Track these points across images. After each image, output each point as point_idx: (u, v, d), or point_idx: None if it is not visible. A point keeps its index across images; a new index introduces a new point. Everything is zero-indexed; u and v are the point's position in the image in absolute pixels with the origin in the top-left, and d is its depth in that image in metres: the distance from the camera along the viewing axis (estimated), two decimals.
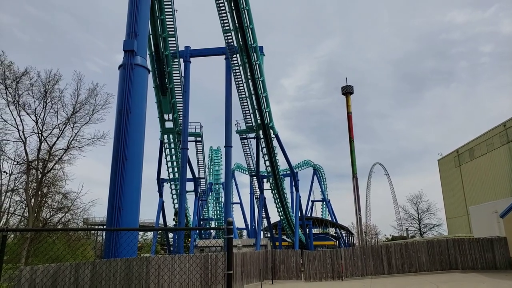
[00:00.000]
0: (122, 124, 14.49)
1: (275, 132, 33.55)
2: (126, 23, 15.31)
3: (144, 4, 15.53)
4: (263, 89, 30.74)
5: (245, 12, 27.21)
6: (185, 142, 32.00)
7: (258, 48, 29.40)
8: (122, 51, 15.19)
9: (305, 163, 68.65)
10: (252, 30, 28.16)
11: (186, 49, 34.49)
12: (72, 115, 20.44)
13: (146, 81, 15.69)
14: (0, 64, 18.45)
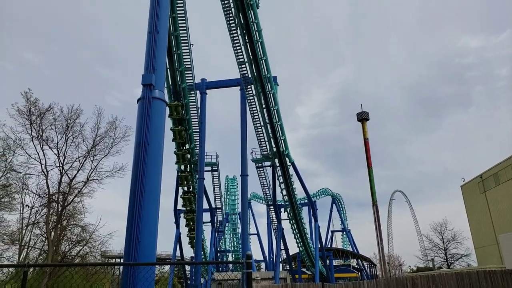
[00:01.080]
0: (140, 156, 14.66)
1: (291, 160, 33.37)
2: (145, 59, 15.83)
3: (162, 41, 16.09)
4: (277, 118, 30.93)
5: (259, 44, 27.89)
6: (201, 172, 32.10)
7: (272, 78, 29.86)
8: (140, 85, 15.64)
9: (323, 191, 67.59)
10: (265, 62, 28.73)
11: (202, 81, 35.34)
12: (92, 148, 20.95)
13: (164, 113, 15.98)
14: (27, 101, 19.27)
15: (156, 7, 16.11)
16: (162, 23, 16.08)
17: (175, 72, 28.15)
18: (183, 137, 30.84)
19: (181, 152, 31.80)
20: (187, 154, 32.49)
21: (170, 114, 29.23)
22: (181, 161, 32.26)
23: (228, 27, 27.73)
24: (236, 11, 26.58)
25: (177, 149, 31.76)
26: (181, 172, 33.09)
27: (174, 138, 30.90)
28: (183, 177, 33.23)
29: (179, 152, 31.79)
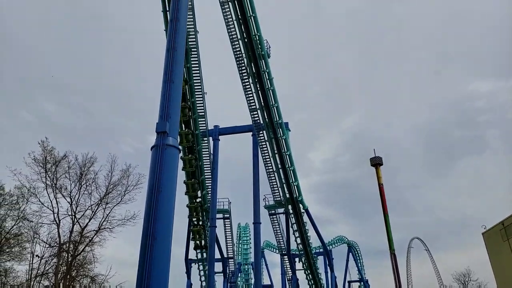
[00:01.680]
0: (152, 203, 14.53)
1: (304, 206, 32.68)
2: (159, 107, 16.22)
3: (177, 90, 16.54)
4: (290, 163, 30.79)
5: (270, 92, 28.54)
6: (213, 220, 31.55)
7: (284, 124, 30.17)
8: (154, 133, 15.88)
9: (338, 239, 65.30)
10: (277, 108, 29.20)
11: (215, 128, 35.89)
12: (105, 196, 20.99)
13: (177, 160, 16.05)
14: (43, 149, 19.75)
15: (171, 58, 16.77)
16: (177, 73, 16.63)
17: (189, 119, 28.69)
18: (196, 190, 30.82)
19: (194, 206, 31.61)
20: (199, 208, 32.28)
21: (184, 167, 29.30)
22: (194, 214, 32.00)
23: (240, 76, 28.62)
24: (248, 61, 27.55)
25: (189, 202, 31.60)
26: (194, 226, 32.65)
27: (187, 191, 30.84)
28: (195, 231, 32.72)
29: (192, 206, 31.57)
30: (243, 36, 26.76)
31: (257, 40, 26.83)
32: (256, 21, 26.25)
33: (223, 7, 26.37)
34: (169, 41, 16.76)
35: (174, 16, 17.50)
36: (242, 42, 27.09)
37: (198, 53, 27.12)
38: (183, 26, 17.71)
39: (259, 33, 26.62)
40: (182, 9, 18.86)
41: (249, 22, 26.11)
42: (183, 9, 19.21)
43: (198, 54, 27.13)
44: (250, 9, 25.75)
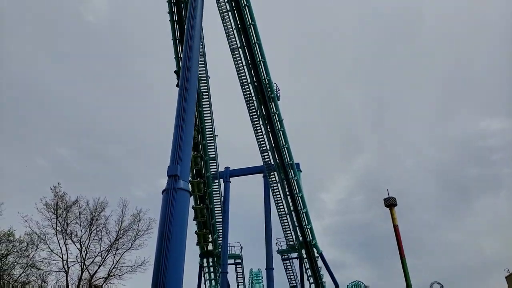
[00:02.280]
0: (162, 249, 14.17)
1: (318, 250, 31.58)
2: (171, 150, 16.29)
3: (188, 134, 16.68)
4: (302, 205, 30.18)
5: (280, 133, 28.67)
6: (224, 265, 30.57)
7: (295, 165, 29.96)
8: (166, 176, 15.83)
9: (355, 284, 62.24)
10: (288, 149, 29.17)
11: (226, 169, 35.82)
12: (115, 242, 20.62)
13: (188, 204, 15.82)
14: (55, 195, 19.80)
15: (183, 103, 17.08)
16: (188, 117, 16.85)
17: (200, 168, 28.62)
18: (207, 240, 30.40)
19: (204, 251, 31.11)
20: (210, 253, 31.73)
21: (195, 217, 28.72)
22: (205, 260, 31.39)
23: (251, 118, 28.97)
24: (258, 103, 28.00)
25: (200, 248, 31.15)
26: (205, 272, 31.84)
27: (199, 242, 30.39)
28: (207, 277, 31.85)
29: (203, 251, 31.03)
30: (253, 80, 27.42)
31: (267, 84, 27.44)
32: (266, 65, 27.00)
33: (234, 53, 27.28)
34: (181, 87, 17.15)
35: (186, 63, 18.07)
36: (252, 85, 27.71)
37: (209, 97, 27.73)
38: (194, 72, 18.23)
39: (268, 76, 27.27)
40: (193, 56, 19.53)
41: (259, 66, 26.86)
42: (195, 55, 19.90)
43: (210, 98, 27.73)
44: (259, 55, 26.58)
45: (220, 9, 26.56)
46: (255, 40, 26.14)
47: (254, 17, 25.68)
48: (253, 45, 26.21)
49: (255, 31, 26.02)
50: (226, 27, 26.85)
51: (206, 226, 30.10)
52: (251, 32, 25.97)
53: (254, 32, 26.04)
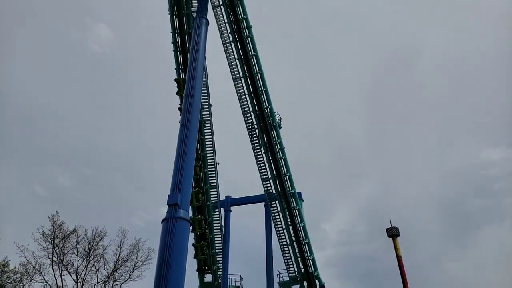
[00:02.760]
0: (161, 280, 13.80)
1: (321, 282, 30.64)
2: (172, 179, 16.19)
3: (189, 162, 16.66)
4: (304, 235, 29.61)
5: (282, 161, 28.59)
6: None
7: (297, 194, 29.64)
8: (166, 205, 15.64)
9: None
10: (289, 178, 28.97)
11: (226, 198, 35.43)
12: (113, 273, 20.08)
13: (188, 233, 15.57)
14: (53, 224, 19.49)
15: (185, 131, 17.16)
16: (190, 145, 16.89)
17: (202, 204, 28.29)
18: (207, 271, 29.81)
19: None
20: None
21: (196, 255, 28.00)
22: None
23: (253, 146, 28.99)
24: (260, 132, 28.12)
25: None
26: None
27: (200, 285, 29.79)
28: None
29: None
30: (255, 108, 27.69)
31: (269, 112, 27.66)
32: (267, 94, 27.33)
33: (236, 82, 27.70)
34: (184, 115, 17.29)
35: (189, 92, 18.30)
36: (254, 114, 27.94)
37: (211, 125, 27.89)
38: (197, 101, 18.43)
39: (270, 105, 27.53)
40: (196, 85, 19.82)
41: (261, 95, 27.19)
42: (198, 85, 20.19)
43: (212, 126, 27.88)
44: (261, 84, 26.97)
45: (223, 40, 27.22)
46: (257, 70, 26.61)
47: (256, 48, 26.27)
48: (255, 75, 26.66)
49: (257, 61, 26.55)
50: (229, 57, 27.41)
51: (206, 263, 29.46)
52: (253, 62, 26.48)
53: (256, 62, 26.55)
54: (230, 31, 26.33)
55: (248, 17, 25.69)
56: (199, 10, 25.10)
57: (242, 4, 25.42)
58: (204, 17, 24.71)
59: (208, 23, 24.85)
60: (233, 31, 26.07)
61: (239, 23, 25.59)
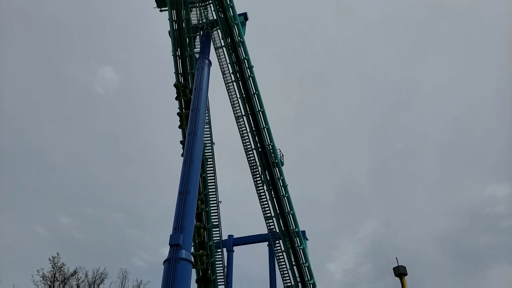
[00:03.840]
0: None
1: None
2: (174, 218, 15.97)
3: (192, 201, 16.52)
4: (309, 276, 28.64)
5: (285, 199, 28.28)
6: None
7: (301, 233, 29.03)
8: (167, 245, 15.31)
9: None
10: (293, 216, 28.51)
11: (229, 237, 34.71)
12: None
13: (190, 274, 15.16)
14: (53, 266, 19.00)
15: (187, 169, 17.14)
16: (192, 184, 16.79)
17: (202, 230, 27.92)
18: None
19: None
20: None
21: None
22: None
23: (255, 183, 28.79)
24: (262, 169, 28.05)
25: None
26: None
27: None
28: None
29: None
30: (257, 146, 27.81)
31: (271, 149, 27.73)
32: (269, 132, 27.54)
33: (238, 120, 28.03)
34: (186, 153, 17.35)
35: (191, 131, 18.49)
36: (256, 151, 28.01)
37: (214, 163, 27.90)
38: (200, 139, 18.59)
39: (272, 142, 27.66)
40: (199, 124, 20.08)
41: (263, 133, 27.41)
42: (201, 123, 20.46)
43: (214, 164, 27.90)
44: (263, 122, 27.26)
45: (225, 79, 27.89)
46: (259, 108, 27.02)
47: (257, 87, 26.83)
48: (257, 113, 27.03)
49: (259, 100, 27.01)
50: (231, 96, 27.95)
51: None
52: (255, 101, 26.94)
53: (258, 101, 27.01)
54: (232, 71, 27.03)
55: (250, 58, 26.48)
56: (201, 51, 26.01)
57: (244, 46, 26.28)
58: (206, 58, 25.54)
59: (210, 64, 25.64)
60: (235, 71, 26.76)
61: (241, 63, 26.33)
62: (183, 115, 25.56)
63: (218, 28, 26.83)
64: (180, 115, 25.78)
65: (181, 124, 25.81)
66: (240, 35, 26.16)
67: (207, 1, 26.88)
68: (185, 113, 25.34)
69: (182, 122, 25.74)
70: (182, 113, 25.67)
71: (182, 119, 25.66)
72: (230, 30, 25.88)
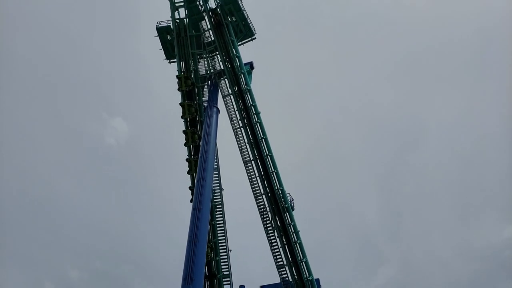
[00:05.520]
0: None
1: None
2: (183, 268, 15.49)
3: (201, 250, 16.12)
4: None
5: (297, 245, 27.45)
6: None
7: (315, 281, 27.80)
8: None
9: None
10: (306, 263, 27.48)
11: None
12: None
13: None
14: None
15: (196, 217, 16.89)
16: (202, 231, 16.47)
17: (213, 279, 27.01)
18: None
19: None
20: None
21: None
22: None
23: (265, 230, 28.11)
24: (273, 214, 27.53)
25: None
26: None
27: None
28: None
29: None
30: (266, 190, 27.53)
31: (280, 194, 27.39)
32: (278, 176, 27.38)
33: (247, 165, 28.02)
34: (195, 200, 17.20)
35: (200, 177, 18.49)
36: (265, 196, 27.67)
37: (223, 210, 27.57)
38: (209, 186, 18.51)
39: (281, 187, 27.40)
40: (208, 170, 20.11)
41: (272, 177, 27.25)
42: (210, 169, 20.50)
43: (223, 211, 27.55)
44: (271, 166, 27.22)
45: (233, 126, 28.32)
46: (267, 152, 27.12)
47: (265, 132, 27.14)
48: (265, 157, 27.09)
49: (267, 144, 27.20)
50: (239, 141, 28.21)
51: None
52: (263, 145, 27.13)
53: (266, 145, 27.20)
54: (239, 118, 27.54)
55: (256, 104, 27.06)
56: (210, 100, 26.78)
57: (250, 93, 27.00)
58: (214, 106, 26.22)
59: (218, 111, 26.26)
60: (243, 117, 27.26)
61: (248, 110, 26.90)
62: (191, 160, 25.91)
63: (225, 77, 27.78)
64: (189, 161, 26.11)
65: (189, 169, 26.02)
66: (246, 83, 26.99)
67: (214, 53, 28.10)
68: (194, 158, 25.68)
69: (190, 167, 26.03)
70: (191, 159, 26.02)
71: (191, 165, 25.97)
72: (237, 79, 26.76)
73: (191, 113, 26.21)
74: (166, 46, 28.21)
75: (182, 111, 26.43)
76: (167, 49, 28.35)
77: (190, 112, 26.17)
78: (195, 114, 26.30)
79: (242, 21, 27.66)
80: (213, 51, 28.31)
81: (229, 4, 26.84)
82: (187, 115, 26.20)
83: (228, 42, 27.31)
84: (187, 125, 26.63)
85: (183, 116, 26.53)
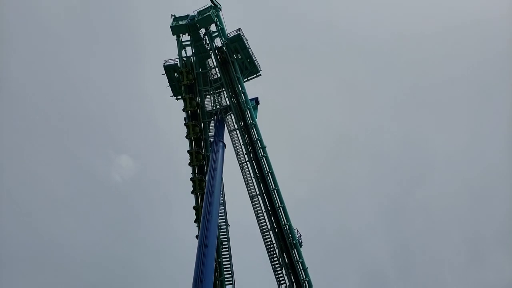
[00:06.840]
0: None
1: None
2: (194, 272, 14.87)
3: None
4: None
5: (306, 283, 26.57)
6: None
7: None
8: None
9: None
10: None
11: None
12: None
13: None
14: None
15: (202, 254, 16.47)
16: (208, 270, 16.01)
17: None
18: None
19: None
20: None
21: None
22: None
23: (273, 267, 27.30)
24: (280, 251, 26.83)
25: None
26: None
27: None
28: None
29: None
30: (273, 226, 26.98)
31: (288, 230, 26.82)
32: (285, 211, 26.93)
33: (253, 200, 27.68)
34: (201, 237, 16.89)
35: (206, 213, 18.24)
36: (272, 232, 27.08)
37: (229, 246, 26.99)
38: (215, 221, 18.22)
39: (289, 222, 26.88)
40: (214, 206, 19.87)
41: (279, 212, 26.80)
42: (215, 205, 20.26)
43: (229, 247, 26.96)
44: (278, 200, 26.84)
45: (239, 160, 28.29)
46: (273, 187, 26.85)
47: (271, 166, 27.02)
48: (271, 191, 26.81)
49: (273, 178, 26.99)
50: (245, 176, 28.05)
51: None
52: (269, 179, 26.92)
53: (272, 179, 26.98)
54: (245, 152, 27.56)
55: (262, 138, 27.16)
56: (216, 134, 27.00)
57: (256, 128, 27.18)
58: (221, 140, 26.39)
59: (224, 146, 26.37)
60: (249, 151, 27.29)
61: (254, 144, 26.96)
62: (196, 180, 26.17)
63: (231, 112, 28.11)
64: (193, 180, 26.31)
65: (194, 189, 26.15)
66: (252, 118, 27.25)
67: (221, 89, 28.64)
68: (198, 178, 26.27)
69: (195, 187, 26.23)
70: (195, 178, 26.23)
71: (195, 184, 26.18)
72: (243, 114, 27.06)
73: (198, 161, 26.51)
74: (173, 83, 28.82)
75: (190, 159, 26.89)
76: (174, 86, 28.94)
77: (198, 160, 26.48)
78: (202, 162, 26.60)
79: (248, 58, 28.33)
80: (219, 87, 28.85)
81: (235, 43, 27.62)
82: (195, 163, 26.50)
83: (234, 79, 27.85)
84: (195, 173, 26.85)
85: (190, 164, 27.05)
